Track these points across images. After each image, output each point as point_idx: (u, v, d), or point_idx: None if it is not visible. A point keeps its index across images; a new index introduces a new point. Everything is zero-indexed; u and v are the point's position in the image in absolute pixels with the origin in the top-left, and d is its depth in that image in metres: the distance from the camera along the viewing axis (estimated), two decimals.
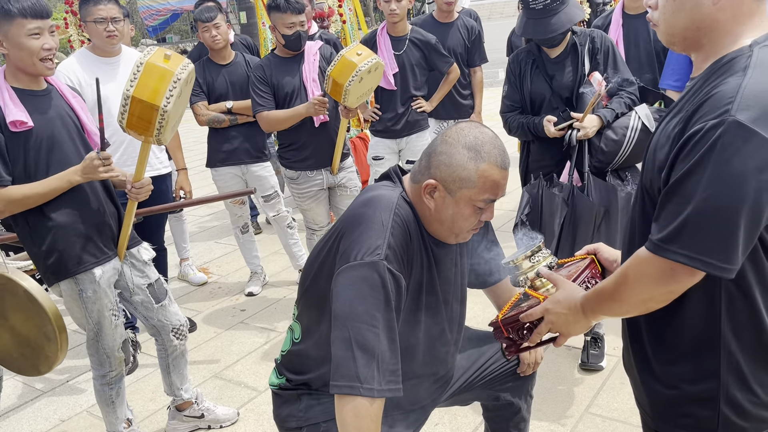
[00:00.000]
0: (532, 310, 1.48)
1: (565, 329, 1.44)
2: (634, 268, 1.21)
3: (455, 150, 1.56)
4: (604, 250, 1.64)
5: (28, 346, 2.03)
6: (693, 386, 1.25)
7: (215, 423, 2.86)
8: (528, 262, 1.60)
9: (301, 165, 3.70)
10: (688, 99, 1.22)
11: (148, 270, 2.60)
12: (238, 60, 4.00)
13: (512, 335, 1.56)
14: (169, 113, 2.11)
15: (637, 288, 1.21)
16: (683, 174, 1.12)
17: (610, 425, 2.60)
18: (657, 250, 1.15)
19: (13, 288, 1.91)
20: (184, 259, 4.69)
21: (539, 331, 1.48)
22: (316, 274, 1.68)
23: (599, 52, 2.83)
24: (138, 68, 2.10)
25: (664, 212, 1.15)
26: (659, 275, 1.17)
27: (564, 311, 1.41)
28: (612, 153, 2.75)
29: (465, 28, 4.46)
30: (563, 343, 1.50)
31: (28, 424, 3.07)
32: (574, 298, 1.40)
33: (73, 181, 2.28)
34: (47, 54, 2.22)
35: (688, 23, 1.21)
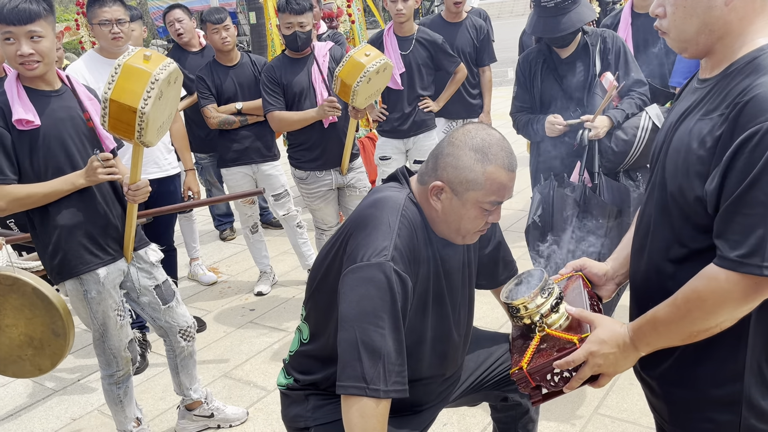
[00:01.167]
0: (573, 356, 1.34)
1: (613, 369, 1.33)
2: (710, 290, 1.14)
3: (462, 152, 1.56)
4: (591, 265, 1.60)
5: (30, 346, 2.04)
6: (717, 389, 1.23)
7: (225, 422, 2.87)
8: (539, 299, 1.46)
9: (310, 165, 3.71)
10: (711, 100, 1.19)
11: (156, 271, 2.62)
12: (245, 61, 4.02)
13: (542, 384, 1.42)
14: (148, 115, 2.08)
15: (716, 309, 1.15)
16: (749, 183, 1.07)
17: (619, 426, 2.58)
18: (738, 267, 1.09)
19: (21, 287, 1.92)
20: (194, 258, 4.71)
21: (581, 376, 1.36)
22: (324, 275, 1.69)
23: (610, 53, 2.82)
24: (116, 70, 2.07)
25: (733, 226, 1.10)
26: (744, 292, 1.11)
27: (612, 351, 1.31)
28: (622, 153, 2.75)
29: (474, 28, 4.46)
30: (606, 384, 1.39)
31: (39, 422, 3.09)
32: (620, 334, 1.31)
33: (78, 184, 2.29)
34: (23, 60, 2.20)
35: (701, 27, 1.20)
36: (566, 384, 1.39)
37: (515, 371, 1.46)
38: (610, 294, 1.59)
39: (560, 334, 1.42)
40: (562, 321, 1.46)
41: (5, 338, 1.98)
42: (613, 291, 1.59)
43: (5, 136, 2.20)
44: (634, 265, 1.41)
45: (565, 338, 1.40)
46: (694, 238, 1.22)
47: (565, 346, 1.38)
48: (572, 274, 1.62)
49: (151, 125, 2.12)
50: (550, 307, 1.46)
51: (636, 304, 1.41)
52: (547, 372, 1.39)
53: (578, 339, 1.36)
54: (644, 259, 1.35)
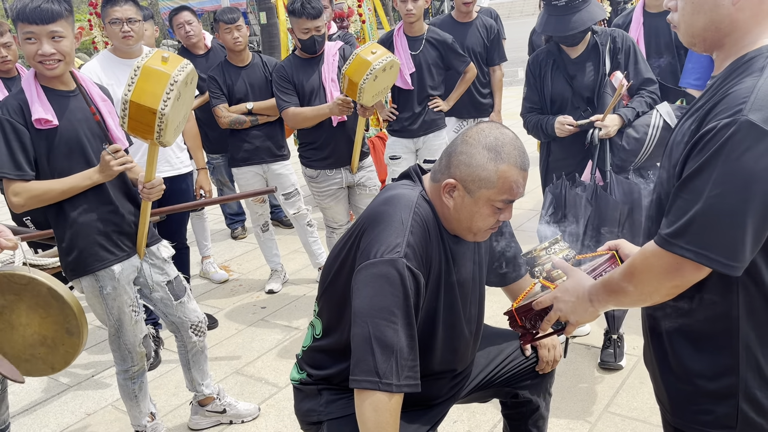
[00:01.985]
0: (542, 297, 1.53)
1: (572, 317, 1.47)
2: (641, 261, 1.24)
3: (475, 150, 1.58)
4: (625, 246, 1.64)
5: (43, 345, 2.07)
6: (711, 382, 1.26)
7: (237, 418, 2.90)
8: (545, 253, 1.64)
9: (320, 164, 3.73)
10: (708, 98, 1.22)
11: (168, 267, 2.65)
12: (256, 62, 4.05)
13: (526, 324, 1.61)
14: (168, 115, 2.12)
15: (643, 280, 1.24)
16: (694, 171, 1.14)
17: (629, 424, 2.59)
18: (664, 245, 1.17)
19: (36, 287, 1.95)
20: (206, 256, 4.75)
21: (549, 318, 1.52)
22: (337, 271, 1.71)
23: (620, 52, 2.83)
24: (135, 72, 2.10)
25: (673, 208, 1.17)
26: (666, 269, 1.19)
27: (571, 299, 1.45)
28: (634, 151, 2.75)
29: (484, 28, 4.47)
30: (572, 332, 1.55)
31: (54, 417, 3.14)
32: (582, 287, 1.43)
33: (94, 179, 2.33)
34: (42, 59, 2.23)
35: (708, 24, 1.22)
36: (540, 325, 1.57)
37: (508, 310, 1.67)
38: None
39: (548, 284, 1.60)
40: (565, 278, 1.59)
41: (18, 337, 2.01)
42: None
43: (24, 133, 2.24)
44: None
45: (547, 285, 1.59)
46: None
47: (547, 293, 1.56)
48: (607, 251, 1.67)
49: (170, 125, 2.16)
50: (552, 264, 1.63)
51: None
52: (529, 312, 1.58)
53: (554, 287, 1.54)
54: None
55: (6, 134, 2.23)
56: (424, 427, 1.78)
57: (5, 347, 2.02)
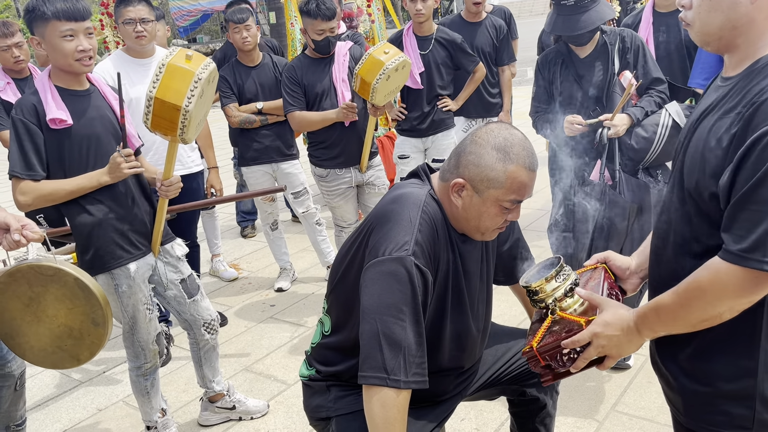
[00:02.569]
0: (578, 336, 1.40)
1: (617, 351, 1.39)
2: (710, 281, 1.17)
3: (484, 150, 1.59)
4: (614, 258, 1.63)
5: (70, 337, 2.09)
6: (729, 384, 1.25)
7: (246, 414, 2.93)
8: (553, 282, 1.52)
9: (330, 163, 3.76)
10: (736, 100, 1.20)
11: (181, 266, 2.68)
12: (266, 61, 4.07)
13: (552, 363, 1.48)
14: (191, 113, 2.16)
15: (716, 301, 1.18)
16: (757, 180, 1.09)
17: (636, 423, 2.60)
18: (740, 261, 1.12)
19: (63, 277, 1.97)
20: (216, 255, 4.79)
21: (586, 356, 1.41)
22: (346, 269, 1.73)
23: (629, 51, 2.83)
24: (160, 69, 2.15)
25: (739, 221, 1.13)
26: (743, 286, 1.14)
27: (616, 333, 1.36)
28: (643, 150, 2.75)
29: (493, 28, 4.49)
30: (611, 366, 1.44)
31: (66, 412, 3.18)
32: (624, 318, 1.36)
33: (102, 181, 2.35)
34: (81, 56, 2.28)
35: (725, 22, 1.20)
36: (573, 364, 1.44)
37: (527, 350, 1.52)
38: (635, 288, 1.62)
39: (570, 317, 1.48)
40: (576, 306, 1.51)
41: (45, 329, 2.04)
42: (638, 285, 1.62)
43: (37, 133, 2.27)
44: (653, 261, 1.43)
45: (574, 320, 1.46)
46: (710, 235, 1.23)
47: (573, 328, 1.44)
48: (596, 265, 1.65)
49: (192, 123, 2.21)
50: (564, 291, 1.51)
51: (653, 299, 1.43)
52: (556, 351, 1.45)
53: (585, 321, 1.42)
54: (663, 256, 1.37)
55: (19, 134, 2.26)
56: (431, 423, 1.80)
57: (32, 340, 2.04)
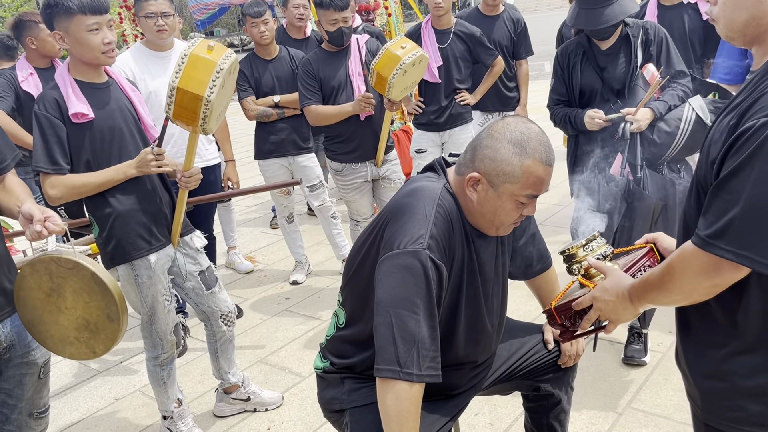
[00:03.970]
0: (582, 298, 1.53)
1: (613, 316, 1.47)
2: (679, 261, 1.24)
3: (501, 145, 1.58)
4: (663, 239, 1.64)
5: (86, 329, 2.12)
6: (747, 380, 1.25)
7: (261, 406, 2.95)
8: (582, 251, 1.63)
9: (346, 157, 3.76)
10: (746, 94, 1.21)
11: (200, 257, 2.70)
12: (283, 55, 4.08)
13: (565, 322, 1.61)
14: (213, 103, 2.18)
15: (682, 280, 1.24)
16: (732, 171, 1.13)
17: (652, 420, 2.58)
18: (703, 245, 1.17)
19: (81, 271, 2.01)
20: (232, 247, 4.82)
21: (588, 317, 1.52)
22: (361, 262, 1.73)
23: (652, 44, 2.79)
24: (182, 60, 2.17)
25: (712, 208, 1.17)
26: (705, 269, 1.18)
27: (611, 299, 1.45)
28: (665, 145, 2.71)
29: (511, 21, 4.45)
30: (612, 330, 1.55)
31: (84, 401, 3.22)
32: (621, 286, 1.43)
33: (129, 173, 2.38)
34: (107, 48, 2.32)
35: (749, 19, 1.20)
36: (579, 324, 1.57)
37: (547, 308, 1.66)
38: None
39: (586, 282, 1.60)
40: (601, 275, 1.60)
41: (64, 320, 2.07)
42: None
43: (61, 127, 2.30)
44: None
45: (586, 284, 1.59)
46: None
47: (586, 292, 1.54)
48: (645, 244, 1.67)
49: (214, 113, 2.23)
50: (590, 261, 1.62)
51: None
52: (569, 312, 1.58)
53: (593, 286, 1.53)
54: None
55: (43, 129, 2.29)
56: (444, 417, 1.80)
57: (52, 329, 2.08)
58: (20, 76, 3.74)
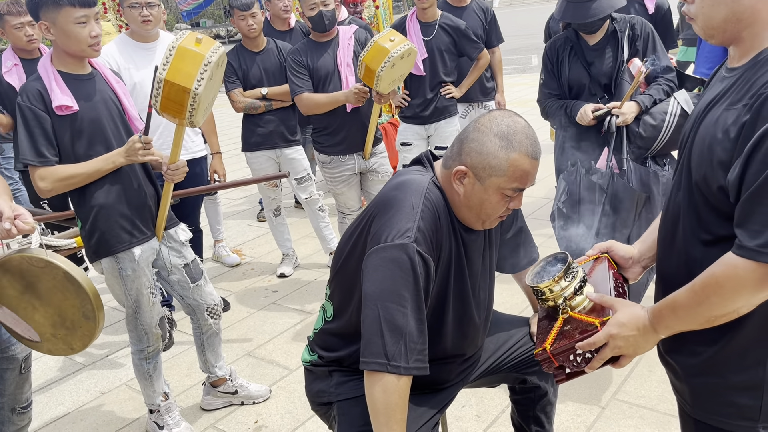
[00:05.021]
0: (594, 338, 1.39)
1: (633, 350, 1.38)
2: (726, 276, 1.17)
3: (487, 138, 1.59)
4: (617, 248, 1.62)
5: (63, 327, 2.11)
6: (738, 375, 1.26)
7: (248, 399, 2.95)
8: (563, 282, 1.50)
9: (333, 149, 3.75)
10: (737, 90, 1.19)
11: (185, 250, 2.69)
12: (271, 47, 4.06)
13: (565, 364, 1.47)
14: (201, 96, 2.17)
15: (733, 296, 1.18)
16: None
17: (637, 411, 2.61)
18: (756, 256, 1.12)
19: (53, 271, 1.99)
20: (218, 240, 4.80)
21: (602, 357, 1.40)
22: (348, 255, 1.73)
23: (639, 39, 2.81)
24: (170, 52, 2.16)
25: (753, 216, 1.12)
26: (761, 281, 1.14)
27: (632, 333, 1.35)
28: (651, 138, 2.75)
29: (480, 10, 4.46)
30: (626, 364, 1.43)
31: (69, 395, 3.20)
32: (639, 318, 1.35)
33: (117, 162, 2.37)
34: (94, 41, 2.31)
35: (729, 15, 1.20)
36: (588, 365, 1.43)
37: (539, 351, 1.50)
38: (637, 276, 1.61)
39: (583, 317, 1.46)
40: (585, 303, 1.50)
41: (40, 317, 2.06)
42: (639, 273, 1.61)
43: (45, 119, 2.28)
44: (662, 251, 1.42)
45: (588, 321, 1.44)
46: (720, 225, 1.23)
47: (587, 329, 1.42)
48: (598, 255, 1.64)
49: (201, 106, 2.21)
50: (574, 290, 1.49)
51: (662, 291, 1.43)
52: (570, 353, 1.44)
53: (599, 322, 1.40)
54: (673, 246, 1.37)
55: (27, 121, 2.26)
56: (432, 410, 1.81)
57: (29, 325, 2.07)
58: (4, 67, 3.69)
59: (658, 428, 2.50)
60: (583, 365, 1.44)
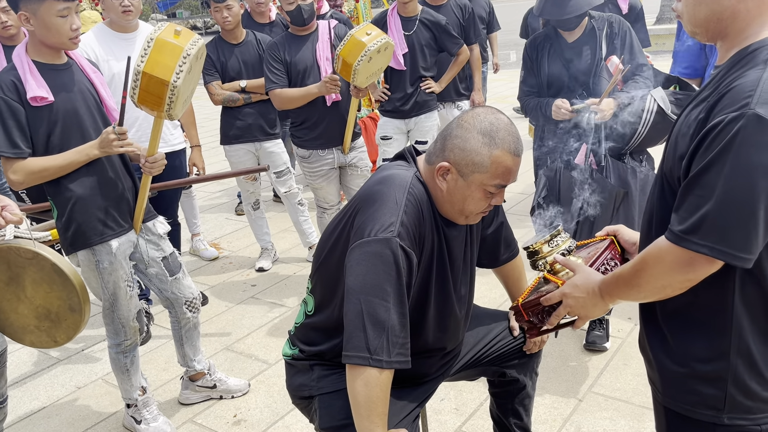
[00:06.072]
0: (550, 294, 1.53)
1: (583, 312, 1.49)
2: (653, 256, 1.25)
3: (470, 135, 1.60)
4: (624, 232, 1.67)
5: (47, 319, 2.09)
6: (704, 365, 1.29)
7: (227, 393, 2.94)
8: (547, 246, 1.64)
9: (312, 144, 3.74)
10: (712, 88, 1.23)
11: (163, 243, 2.66)
12: (250, 39, 4.02)
13: (533, 318, 1.61)
14: (179, 88, 2.15)
15: (655, 275, 1.25)
16: (703, 166, 1.15)
17: (612, 404, 2.66)
18: (677, 241, 1.19)
19: (40, 262, 1.97)
20: (195, 234, 4.76)
21: (557, 314, 1.53)
22: (331, 249, 1.73)
23: (617, 37, 2.85)
24: (148, 44, 2.13)
25: (684, 204, 1.18)
26: (679, 264, 1.20)
27: (582, 295, 1.46)
28: (628, 135, 2.79)
29: (458, 8, 4.46)
30: (581, 326, 1.56)
31: (44, 390, 3.16)
32: (591, 282, 1.45)
33: (91, 154, 2.33)
34: (75, 34, 2.28)
35: (709, 14, 1.22)
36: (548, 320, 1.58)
37: (514, 305, 1.68)
38: None
39: (552, 278, 1.61)
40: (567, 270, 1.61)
41: (24, 308, 2.03)
42: None
43: (19, 110, 2.23)
44: (642, 240, 1.46)
45: (554, 281, 1.60)
46: None
47: (553, 288, 1.56)
48: (606, 237, 1.69)
49: (180, 99, 2.18)
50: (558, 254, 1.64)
51: None
52: (537, 308, 1.59)
53: (561, 283, 1.54)
54: (649, 237, 1.40)
55: (1, 113, 2.22)
56: (412, 403, 1.82)
57: (12, 317, 2.04)
58: None
59: (632, 420, 2.54)
60: (546, 320, 1.59)
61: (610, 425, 2.53)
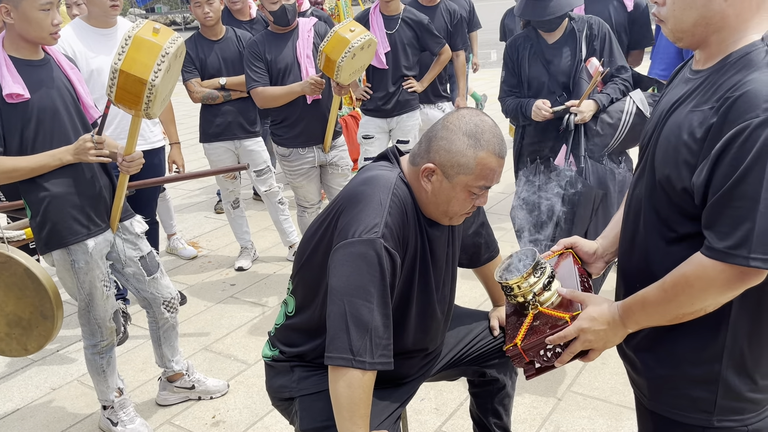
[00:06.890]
0: (564, 332, 1.41)
1: (603, 345, 1.40)
2: (697, 277, 1.19)
3: (455, 136, 1.60)
4: (581, 243, 1.65)
5: (18, 326, 2.04)
6: (694, 368, 1.29)
7: (205, 394, 2.91)
8: (532, 278, 1.52)
9: (292, 142, 3.72)
10: (702, 93, 1.21)
11: (141, 243, 2.63)
12: (230, 36, 3.98)
13: (535, 360, 1.48)
14: (158, 87, 2.11)
15: (702, 295, 1.20)
16: (738, 177, 1.10)
17: (590, 403, 2.68)
18: (725, 258, 1.14)
19: (12, 266, 1.92)
20: (172, 234, 4.70)
21: (572, 350, 1.42)
22: (314, 249, 1.72)
23: (596, 39, 2.87)
24: (126, 41, 2.08)
25: (722, 218, 1.13)
26: (729, 281, 1.16)
27: (602, 327, 1.37)
28: (608, 136, 2.82)
29: (448, 12, 4.48)
30: (596, 358, 1.46)
31: (18, 392, 3.10)
32: (609, 312, 1.37)
33: (65, 160, 2.29)
34: (56, 29, 2.24)
35: (698, 19, 1.21)
36: (558, 359, 1.45)
37: (510, 347, 1.51)
38: (599, 271, 1.65)
39: (552, 312, 1.48)
40: (554, 298, 1.52)
41: None
42: (602, 268, 1.65)
43: None
44: (623, 247, 1.45)
45: (557, 316, 1.45)
46: (681, 224, 1.26)
47: (557, 324, 1.44)
48: (563, 251, 1.67)
49: (158, 97, 2.14)
50: (543, 285, 1.51)
51: (624, 285, 1.46)
52: (540, 348, 1.45)
53: (570, 317, 1.43)
54: (633, 243, 1.40)
55: None
56: (394, 404, 1.82)
57: None
58: None
59: (610, 419, 2.57)
60: (554, 360, 1.46)
61: (588, 424, 2.55)
